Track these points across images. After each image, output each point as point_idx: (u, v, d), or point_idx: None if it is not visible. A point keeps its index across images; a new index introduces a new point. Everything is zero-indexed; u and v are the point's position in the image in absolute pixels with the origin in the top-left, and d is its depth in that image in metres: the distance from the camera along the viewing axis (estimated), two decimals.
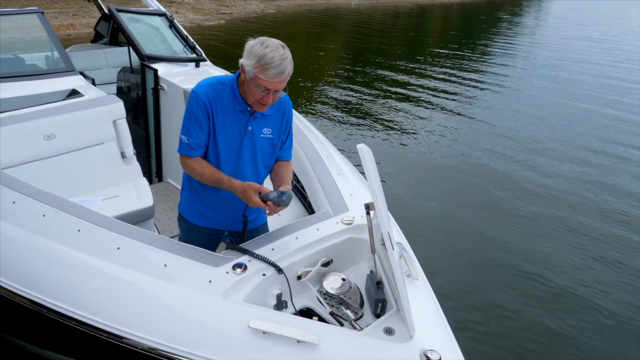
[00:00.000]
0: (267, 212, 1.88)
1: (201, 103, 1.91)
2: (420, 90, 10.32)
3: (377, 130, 7.59)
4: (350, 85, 10.57)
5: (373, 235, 1.82)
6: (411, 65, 13.10)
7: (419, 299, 1.71)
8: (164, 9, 5.01)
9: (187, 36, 4.73)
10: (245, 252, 1.85)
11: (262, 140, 2.04)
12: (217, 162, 2.01)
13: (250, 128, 1.99)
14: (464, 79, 11.54)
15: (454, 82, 11.16)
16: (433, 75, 11.90)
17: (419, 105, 9.09)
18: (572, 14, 34.08)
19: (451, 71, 12.41)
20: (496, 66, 13.33)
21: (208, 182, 1.97)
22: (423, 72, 12.28)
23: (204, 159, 2.01)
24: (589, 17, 32.44)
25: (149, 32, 4.70)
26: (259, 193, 1.85)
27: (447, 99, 9.63)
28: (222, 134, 1.96)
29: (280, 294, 1.78)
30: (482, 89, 10.57)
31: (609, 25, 26.62)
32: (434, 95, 9.85)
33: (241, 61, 1.83)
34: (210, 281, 1.69)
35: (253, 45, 1.79)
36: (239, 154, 2.01)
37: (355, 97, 9.61)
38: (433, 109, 8.90)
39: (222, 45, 14.46)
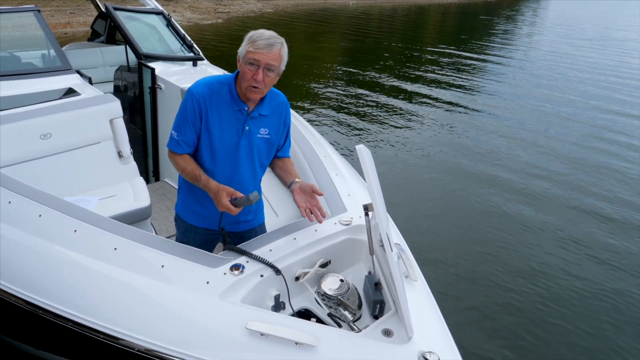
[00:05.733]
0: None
1: (195, 103, 1.91)
2: (418, 90, 10.32)
3: (375, 131, 7.58)
4: (348, 85, 10.56)
5: (372, 237, 1.82)
6: (409, 66, 13.10)
7: (417, 301, 1.71)
8: (161, 8, 4.99)
9: (184, 35, 4.71)
10: (242, 253, 1.84)
11: (259, 140, 2.04)
12: (213, 161, 2.00)
13: (247, 128, 1.98)
14: (463, 79, 11.55)
15: (452, 82, 11.17)
16: (431, 75, 11.90)
17: (417, 106, 9.09)
18: (570, 14, 34.15)
19: (449, 71, 12.41)
20: (494, 66, 13.35)
21: (187, 178, 1.99)
22: (421, 72, 12.28)
23: (191, 156, 2.02)
24: (585, 17, 32.52)
25: (146, 31, 4.68)
26: (231, 197, 1.85)
27: (445, 99, 9.63)
28: (217, 134, 1.96)
29: (278, 295, 1.77)
30: (480, 90, 10.58)
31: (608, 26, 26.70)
32: (432, 96, 9.86)
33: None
34: (207, 282, 1.68)
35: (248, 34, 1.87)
36: (235, 153, 2.01)
37: (353, 96, 9.60)
38: (431, 109, 8.90)
39: (220, 44, 14.42)
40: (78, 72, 3.82)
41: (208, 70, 4.32)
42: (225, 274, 1.73)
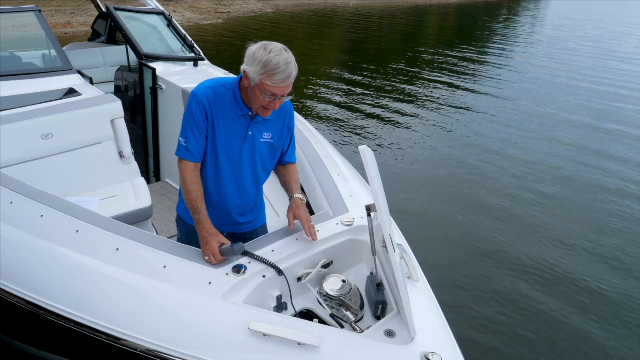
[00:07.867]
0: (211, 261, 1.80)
1: (200, 105, 1.88)
2: (420, 90, 10.32)
3: (378, 131, 7.58)
4: (348, 86, 10.56)
5: (374, 237, 1.81)
6: (409, 65, 13.11)
7: (419, 301, 1.71)
8: (161, 8, 4.99)
9: (185, 35, 4.71)
10: (245, 253, 1.84)
11: (262, 145, 2.02)
12: (216, 165, 1.99)
13: (250, 133, 1.97)
14: (462, 79, 11.55)
15: (452, 82, 11.17)
16: (431, 75, 11.90)
17: (418, 106, 9.09)
18: (570, 14, 34.19)
19: (449, 71, 12.42)
20: (494, 66, 13.35)
21: (187, 202, 1.90)
22: (421, 72, 12.28)
23: (202, 165, 1.98)
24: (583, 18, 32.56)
25: (147, 31, 4.68)
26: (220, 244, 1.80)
27: (445, 98, 9.64)
28: (221, 138, 1.94)
29: (280, 295, 1.77)
30: (479, 90, 10.58)
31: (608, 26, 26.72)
32: (433, 95, 9.86)
33: (243, 67, 1.79)
34: (209, 283, 1.68)
35: (255, 51, 1.75)
36: (238, 158, 2.00)
37: (354, 96, 9.60)
38: (432, 109, 8.90)
39: (220, 44, 14.43)
40: (79, 72, 3.82)
41: (209, 70, 4.31)
42: (227, 274, 1.73)
